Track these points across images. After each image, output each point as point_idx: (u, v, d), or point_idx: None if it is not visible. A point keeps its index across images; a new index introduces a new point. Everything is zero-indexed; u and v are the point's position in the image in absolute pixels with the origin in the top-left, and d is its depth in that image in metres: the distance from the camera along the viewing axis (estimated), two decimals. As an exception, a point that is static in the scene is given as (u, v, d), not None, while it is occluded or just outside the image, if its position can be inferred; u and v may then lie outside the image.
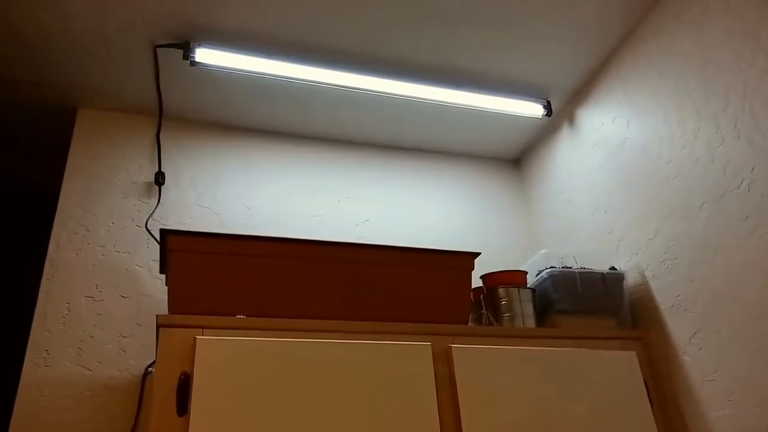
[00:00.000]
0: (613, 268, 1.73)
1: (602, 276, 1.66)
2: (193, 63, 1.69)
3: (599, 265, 1.80)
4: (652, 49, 1.71)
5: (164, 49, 1.71)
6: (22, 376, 1.52)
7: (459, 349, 1.41)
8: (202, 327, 1.27)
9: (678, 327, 1.54)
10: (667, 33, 1.66)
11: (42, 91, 1.84)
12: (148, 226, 1.79)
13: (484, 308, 1.62)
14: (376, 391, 1.30)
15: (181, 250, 1.35)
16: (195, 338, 1.24)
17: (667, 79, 1.65)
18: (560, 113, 2.09)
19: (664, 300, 1.59)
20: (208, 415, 1.17)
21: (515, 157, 2.36)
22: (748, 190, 1.39)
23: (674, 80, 1.63)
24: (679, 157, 1.59)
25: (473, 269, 1.55)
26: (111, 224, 1.78)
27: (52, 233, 1.71)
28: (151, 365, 1.61)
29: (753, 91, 1.40)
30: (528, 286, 1.67)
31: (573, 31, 1.77)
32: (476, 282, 1.65)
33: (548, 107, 2.03)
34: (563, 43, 1.81)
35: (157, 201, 1.84)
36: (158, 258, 1.75)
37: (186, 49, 1.68)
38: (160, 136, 1.94)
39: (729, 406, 1.39)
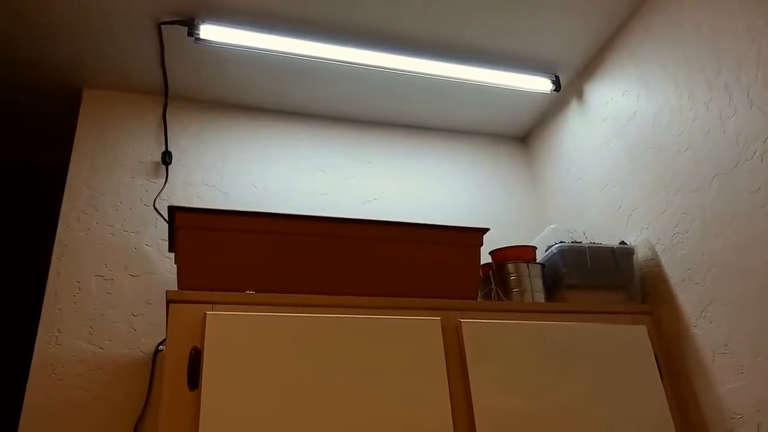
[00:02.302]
0: (623, 242, 1.72)
1: (612, 251, 1.65)
2: (198, 40, 1.68)
3: (609, 240, 1.79)
4: (662, 20, 1.69)
5: (168, 26, 1.69)
6: (35, 354, 1.53)
7: (468, 323, 1.40)
8: (212, 303, 1.28)
9: (689, 300, 1.53)
10: (678, 3, 1.63)
11: (47, 72, 1.83)
12: (156, 206, 1.79)
13: (493, 284, 1.62)
14: (386, 366, 1.30)
15: (190, 226, 1.35)
16: (205, 314, 1.25)
17: (677, 51, 1.63)
18: (569, 88, 2.07)
19: (674, 274, 1.58)
20: (219, 389, 1.18)
21: (523, 134, 2.34)
22: (761, 160, 1.37)
23: (685, 51, 1.60)
24: (691, 129, 1.57)
25: (482, 245, 1.54)
26: (119, 204, 1.78)
27: (61, 213, 1.71)
28: (161, 343, 1.61)
29: (766, 60, 1.37)
30: (537, 261, 1.66)
31: (581, 4, 1.74)
32: (485, 258, 1.64)
33: (557, 82, 2.01)
34: (572, 17, 1.79)
35: (164, 180, 1.84)
36: (166, 237, 1.76)
37: (190, 26, 1.67)
38: (167, 115, 1.93)
39: (740, 378, 1.38)
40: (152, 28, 1.71)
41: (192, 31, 1.66)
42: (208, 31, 1.67)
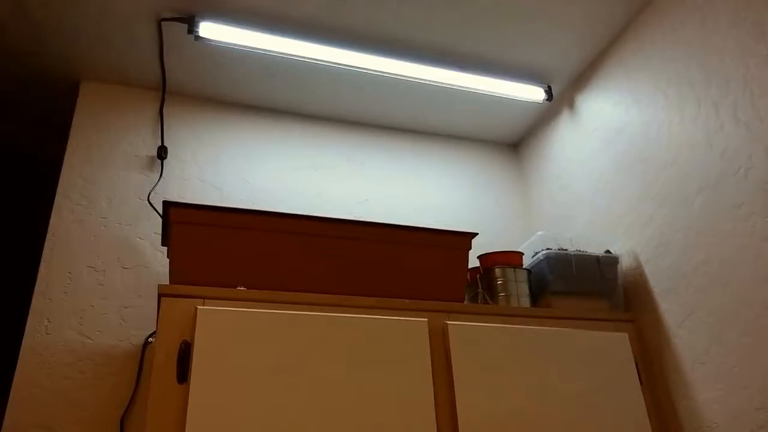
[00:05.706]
0: (608, 251, 1.75)
1: (597, 259, 1.68)
2: (198, 38, 1.69)
3: (595, 248, 1.82)
4: (655, 36, 1.72)
5: (169, 22, 1.71)
6: (23, 343, 1.54)
7: (455, 326, 1.43)
8: (203, 297, 1.30)
9: (670, 310, 1.57)
10: (671, 19, 1.67)
11: (46, 63, 1.84)
12: (150, 200, 1.81)
13: (480, 288, 1.65)
14: (373, 365, 1.32)
15: (184, 222, 1.37)
16: (196, 308, 1.27)
17: (669, 66, 1.66)
18: (561, 98, 2.10)
19: (657, 284, 1.62)
20: (207, 383, 1.20)
21: (514, 142, 2.37)
22: (745, 177, 1.41)
23: (676, 67, 1.64)
24: (678, 144, 1.60)
25: (470, 249, 1.57)
26: (113, 196, 1.79)
27: (54, 204, 1.72)
28: (151, 336, 1.63)
29: (754, 79, 1.41)
30: (524, 267, 1.69)
31: (577, 16, 1.78)
32: (473, 262, 1.67)
33: (549, 92, 2.04)
34: (567, 28, 1.82)
35: (159, 175, 1.86)
36: (159, 231, 1.77)
37: (191, 23, 1.68)
38: (163, 110, 1.95)
39: (718, 388, 1.42)
40: (152, 24, 1.72)
41: (192, 28, 1.68)
42: (208, 30, 1.69)
